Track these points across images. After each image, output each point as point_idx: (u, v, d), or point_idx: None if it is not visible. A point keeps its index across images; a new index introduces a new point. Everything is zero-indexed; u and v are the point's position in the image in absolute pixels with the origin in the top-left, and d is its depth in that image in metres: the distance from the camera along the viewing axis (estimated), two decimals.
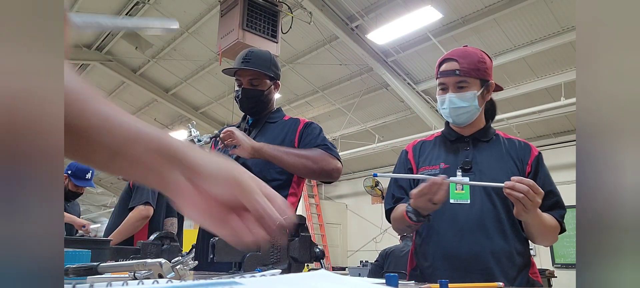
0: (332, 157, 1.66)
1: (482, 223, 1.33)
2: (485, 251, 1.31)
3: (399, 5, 5.75)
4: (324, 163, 1.63)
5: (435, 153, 1.48)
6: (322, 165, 1.62)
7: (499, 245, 1.32)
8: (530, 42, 6.04)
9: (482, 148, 1.44)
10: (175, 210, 3.53)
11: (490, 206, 1.34)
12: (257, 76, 1.76)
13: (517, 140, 1.50)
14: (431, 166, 1.45)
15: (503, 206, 1.34)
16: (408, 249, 6.01)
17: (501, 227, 1.34)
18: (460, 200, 1.36)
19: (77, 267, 0.89)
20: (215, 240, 0.95)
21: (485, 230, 1.32)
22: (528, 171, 1.40)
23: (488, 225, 1.33)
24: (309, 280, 0.66)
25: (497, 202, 1.34)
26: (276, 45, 4.96)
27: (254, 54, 1.78)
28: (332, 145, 1.70)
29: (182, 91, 9.10)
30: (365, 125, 8.63)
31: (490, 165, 1.40)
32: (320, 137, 1.73)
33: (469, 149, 1.44)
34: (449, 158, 1.44)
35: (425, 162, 1.48)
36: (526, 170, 1.40)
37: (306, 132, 1.74)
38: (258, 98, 1.77)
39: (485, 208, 1.34)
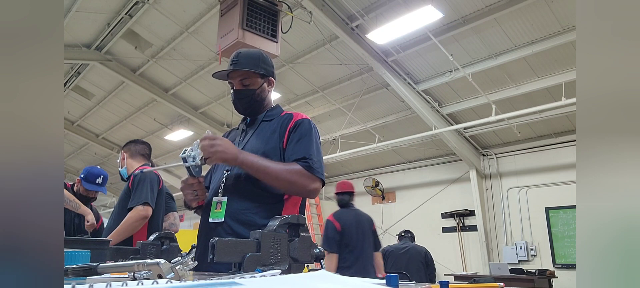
0: (311, 176, 1.59)
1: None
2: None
3: (399, 5, 5.75)
4: (300, 184, 1.58)
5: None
6: (298, 188, 1.59)
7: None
8: (531, 41, 6.04)
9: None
10: (175, 208, 3.53)
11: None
12: (247, 75, 1.75)
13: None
14: None
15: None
16: (407, 248, 6.05)
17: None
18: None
19: (76, 267, 0.89)
20: (215, 240, 0.95)
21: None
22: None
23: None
24: (309, 280, 0.66)
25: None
26: (276, 45, 4.96)
27: (242, 55, 1.77)
28: (316, 157, 1.63)
29: (182, 91, 9.10)
30: (365, 125, 8.63)
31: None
32: (304, 146, 1.64)
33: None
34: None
35: None
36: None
37: (293, 136, 1.68)
38: (250, 97, 1.76)
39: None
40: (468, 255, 8.50)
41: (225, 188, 1.66)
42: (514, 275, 6.55)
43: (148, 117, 10.30)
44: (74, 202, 3.19)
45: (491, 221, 8.30)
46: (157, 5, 6.75)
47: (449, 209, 8.76)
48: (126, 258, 1.44)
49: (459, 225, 8.67)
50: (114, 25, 7.35)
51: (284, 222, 1.07)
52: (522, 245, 7.71)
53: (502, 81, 6.86)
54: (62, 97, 0.41)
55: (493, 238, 8.21)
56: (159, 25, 7.20)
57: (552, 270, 6.71)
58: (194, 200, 1.68)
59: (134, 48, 7.81)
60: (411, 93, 7.28)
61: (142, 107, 9.99)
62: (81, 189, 3.44)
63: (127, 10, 6.96)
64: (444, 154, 8.89)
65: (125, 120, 10.69)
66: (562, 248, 7.35)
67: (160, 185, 2.88)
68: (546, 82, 6.53)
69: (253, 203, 1.61)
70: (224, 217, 1.60)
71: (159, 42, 7.66)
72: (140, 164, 2.99)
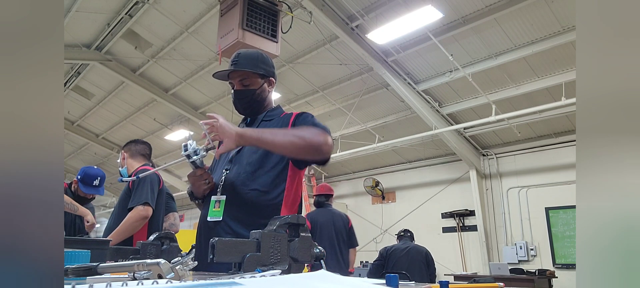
0: (322, 131, 1.56)
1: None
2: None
3: (399, 5, 5.75)
4: (311, 137, 1.52)
5: None
6: (310, 140, 1.51)
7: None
8: (531, 41, 6.04)
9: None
10: (175, 208, 3.53)
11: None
12: (246, 76, 1.75)
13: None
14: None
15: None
16: (408, 248, 6.09)
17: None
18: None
19: (76, 267, 0.89)
20: (215, 240, 0.95)
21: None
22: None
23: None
24: (309, 280, 0.66)
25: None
26: (276, 45, 4.95)
27: (242, 55, 1.78)
28: (323, 126, 1.62)
29: (182, 91, 9.10)
30: (365, 125, 8.63)
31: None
32: (311, 121, 1.66)
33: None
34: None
35: None
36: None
37: (298, 122, 1.69)
38: (250, 97, 1.77)
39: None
40: (468, 255, 8.50)
41: (224, 187, 1.66)
42: (514, 275, 6.55)
43: (148, 117, 10.30)
44: (71, 204, 3.17)
45: (491, 221, 8.30)
46: (157, 5, 6.75)
47: (449, 209, 8.76)
48: (126, 258, 1.44)
49: (459, 225, 8.67)
50: (114, 25, 7.35)
51: (284, 222, 1.07)
52: (522, 245, 7.71)
53: (502, 81, 6.86)
54: (62, 97, 0.41)
55: (493, 238, 8.21)
56: (159, 25, 7.20)
57: (552, 270, 6.71)
58: (207, 188, 1.68)
59: (134, 48, 7.81)
60: (411, 93, 7.28)
61: (142, 107, 9.99)
62: (79, 191, 3.42)
63: (127, 10, 6.96)
64: (444, 154, 8.89)
65: (125, 120, 10.69)
66: (562, 248, 7.35)
67: (161, 185, 2.88)
68: (546, 82, 6.53)
69: (252, 202, 1.61)
70: (222, 215, 1.61)
71: (159, 42, 7.66)
72: (141, 164, 2.99)
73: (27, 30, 0.44)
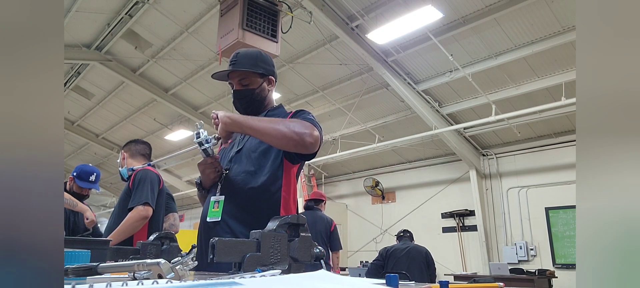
0: (309, 124, 1.56)
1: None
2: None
3: (399, 5, 5.75)
4: (296, 127, 1.53)
5: None
6: (294, 129, 1.52)
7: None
8: (531, 41, 6.04)
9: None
10: (175, 208, 3.53)
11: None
12: (245, 75, 1.75)
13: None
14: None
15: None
16: (408, 248, 6.13)
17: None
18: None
19: (76, 267, 0.89)
20: (215, 240, 0.95)
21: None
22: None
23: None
24: (309, 280, 0.66)
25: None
26: (276, 45, 4.95)
27: (241, 55, 1.77)
28: (315, 121, 1.63)
29: (182, 91, 9.10)
30: (365, 125, 8.63)
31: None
32: (304, 116, 1.67)
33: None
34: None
35: None
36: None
37: (294, 117, 1.69)
38: (250, 97, 1.77)
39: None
40: (468, 255, 8.50)
41: (223, 187, 1.66)
42: (514, 275, 6.55)
43: (148, 117, 10.30)
44: (70, 200, 3.19)
45: (491, 221, 8.30)
46: (157, 5, 6.74)
47: (449, 209, 8.76)
48: (126, 258, 1.44)
49: (459, 225, 8.67)
50: (114, 25, 7.35)
51: (284, 222, 1.07)
52: (522, 245, 7.71)
53: (502, 81, 6.86)
54: (62, 97, 0.41)
55: (493, 238, 8.21)
56: (159, 25, 7.20)
57: (552, 270, 6.71)
58: (217, 175, 1.71)
59: (134, 48, 7.81)
60: (411, 93, 7.28)
61: (142, 107, 9.99)
62: (74, 187, 3.44)
63: (127, 10, 6.96)
64: (444, 154, 8.90)
65: (125, 120, 10.69)
66: (562, 248, 7.35)
67: (161, 185, 2.88)
68: (546, 82, 6.53)
69: (251, 202, 1.61)
70: (221, 216, 1.61)
71: (159, 42, 7.66)
72: (141, 164, 2.99)
73: (27, 30, 0.44)
